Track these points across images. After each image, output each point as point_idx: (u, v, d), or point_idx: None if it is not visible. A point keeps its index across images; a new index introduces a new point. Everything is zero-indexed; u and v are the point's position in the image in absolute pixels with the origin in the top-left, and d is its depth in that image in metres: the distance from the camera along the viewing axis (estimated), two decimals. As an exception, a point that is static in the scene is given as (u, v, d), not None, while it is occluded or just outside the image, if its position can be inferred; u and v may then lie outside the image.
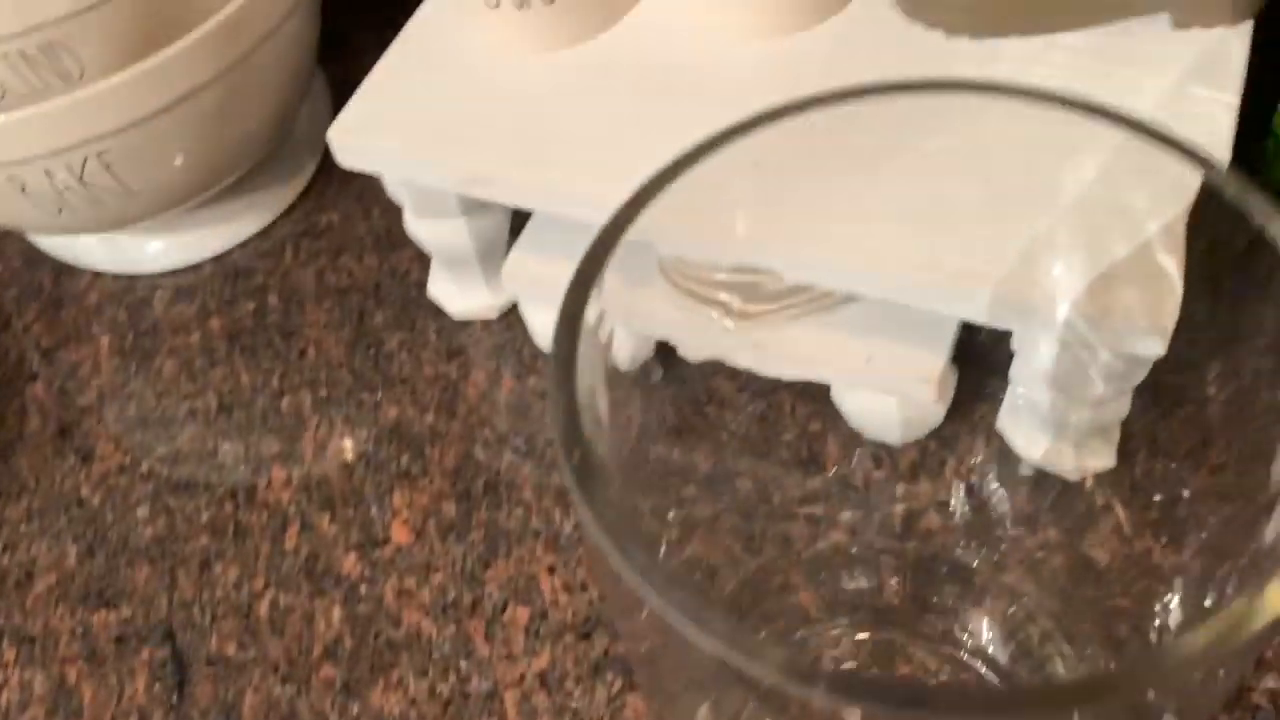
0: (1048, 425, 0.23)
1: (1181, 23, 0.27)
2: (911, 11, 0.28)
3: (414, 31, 0.31)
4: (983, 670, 0.24)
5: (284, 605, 0.29)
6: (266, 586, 0.30)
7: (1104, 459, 0.28)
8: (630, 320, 0.28)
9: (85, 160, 0.31)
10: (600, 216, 0.24)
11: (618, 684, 0.27)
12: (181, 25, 0.31)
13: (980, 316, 0.23)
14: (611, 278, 0.29)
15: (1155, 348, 0.24)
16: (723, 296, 0.26)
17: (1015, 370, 0.24)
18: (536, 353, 0.33)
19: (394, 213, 0.34)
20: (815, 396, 0.28)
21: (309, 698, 0.28)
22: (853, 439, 0.28)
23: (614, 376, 0.25)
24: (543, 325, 0.32)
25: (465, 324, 0.34)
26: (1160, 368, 0.26)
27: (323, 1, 0.37)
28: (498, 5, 0.28)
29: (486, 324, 0.34)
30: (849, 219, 0.22)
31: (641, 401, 0.29)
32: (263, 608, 0.29)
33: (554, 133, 0.28)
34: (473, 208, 0.30)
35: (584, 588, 0.29)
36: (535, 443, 0.32)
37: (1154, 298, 0.24)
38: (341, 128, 0.29)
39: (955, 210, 0.22)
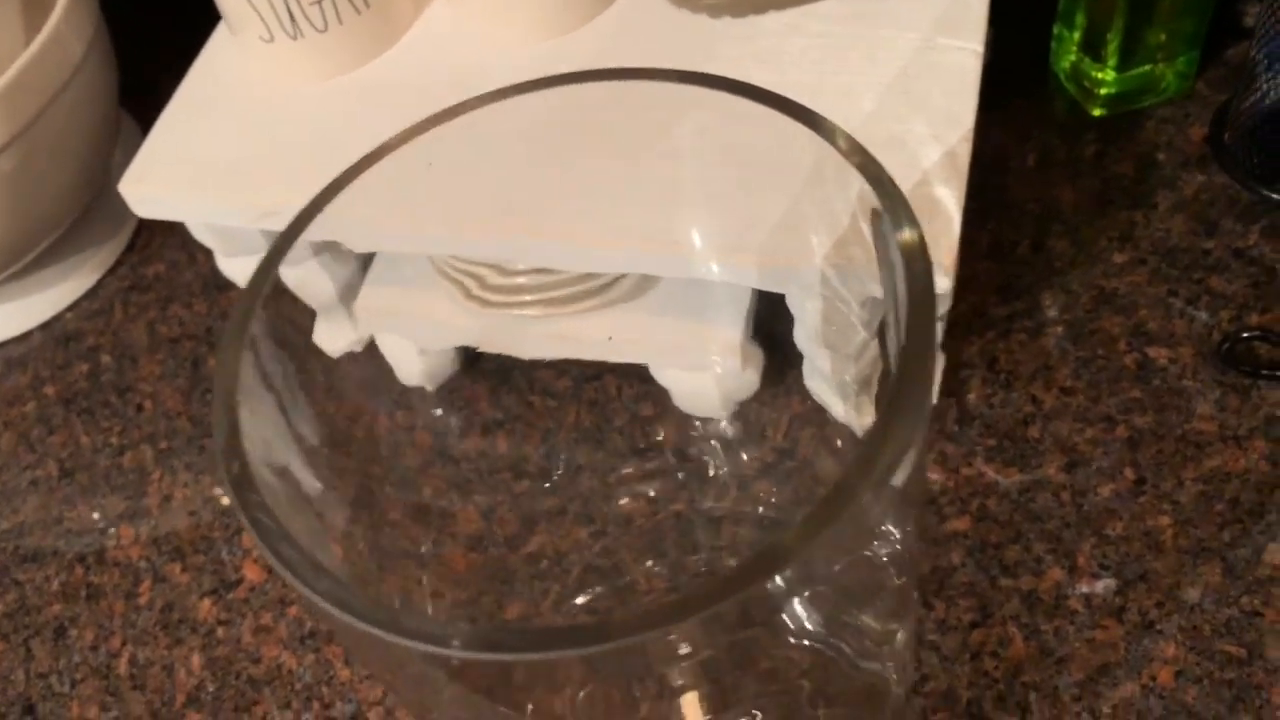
0: (833, 384, 0.24)
1: None
2: (676, 0, 0.29)
3: (198, 73, 0.31)
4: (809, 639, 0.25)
5: (143, 660, 0.29)
6: (124, 644, 0.30)
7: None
8: (417, 332, 0.29)
9: (-122, 245, 0.30)
10: (391, 242, 0.25)
11: (479, 685, 0.28)
12: (-40, 97, 0.30)
13: (750, 282, 0.24)
14: (379, 292, 0.29)
15: (941, 284, 0.25)
16: (516, 296, 0.27)
17: (797, 335, 0.25)
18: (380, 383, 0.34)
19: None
20: (642, 376, 0.29)
21: (176, 747, 0.28)
22: (681, 417, 0.29)
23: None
24: (399, 355, 0.32)
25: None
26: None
27: (122, 48, 0.36)
28: (271, 39, 0.29)
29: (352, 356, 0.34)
30: (606, 202, 0.23)
31: (443, 403, 0.29)
32: (122, 666, 0.29)
33: (342, 158, 0.28)
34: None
35: (458, 602, 0.29)
36: (396, 465, 0.32)
37: (931, 233, 0.25)
38: (133, 178, 0.29)
39: (710, 188, 0.23)
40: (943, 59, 0.27)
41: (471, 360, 0.31)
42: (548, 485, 0.28)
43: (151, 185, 0.29)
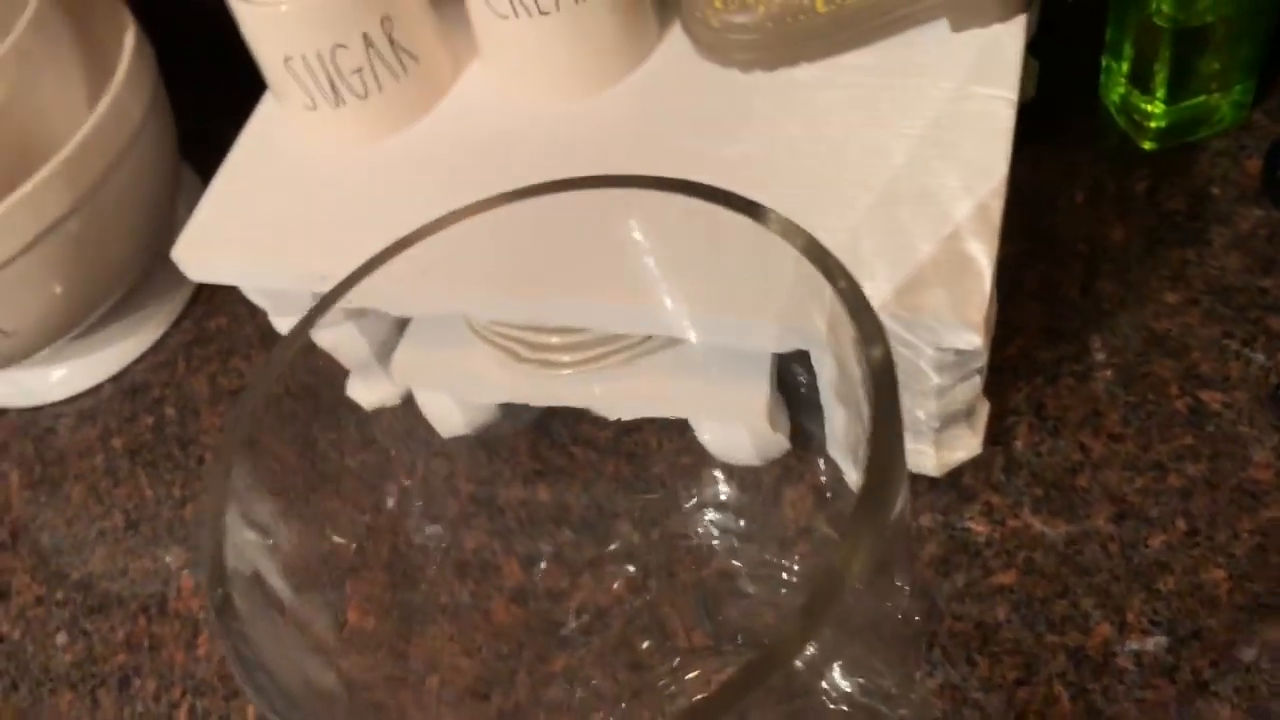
0: (846, 447, 0.24)
1: (959, 25, 0.28)
2: (708, 56, 0.30)
3: (246, 141, 0.32)
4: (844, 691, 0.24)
5: (202, 710, 0.30)
6: (184, 694, 0.31)
7: (969, 448, 0.29)
8: (453, 387, 0.29)
9: (-48, 312, 0.32)
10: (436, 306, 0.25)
11: None
12: (30, 160, 0.32)
13: (770, 345, 0.24)
14: (416, 350, 0.30)
15: (971, 341, 0.25)
16: (549, 355, 0.27)
17: (821, 388, 0.25)
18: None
19: None
20: (680, 429, 0.29)
21: (232, 798, 0.29)
22: (719, 472, 0.29)
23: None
24: (438, 410, 0.32)
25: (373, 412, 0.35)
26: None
27: (178, 97, 0.38)
28: (315, 107, 0.30)
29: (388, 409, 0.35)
30: (624, 270, 0.24)
31: (485, 454, 0.30)
32: (182, 715, 0.30)
33: (386, 222, 0.29)
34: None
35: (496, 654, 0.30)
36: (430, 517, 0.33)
37: (961, 290, 0.25)
38: (186, 245, 0.30)
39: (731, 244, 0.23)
40: (975, 108, 0.27)
41: (511, 413, 0.32)
42: (589, 537, 0.29)
43: (203, 252, 0.30)
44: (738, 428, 0.27)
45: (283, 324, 0.32)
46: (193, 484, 0.35)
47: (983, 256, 0.24)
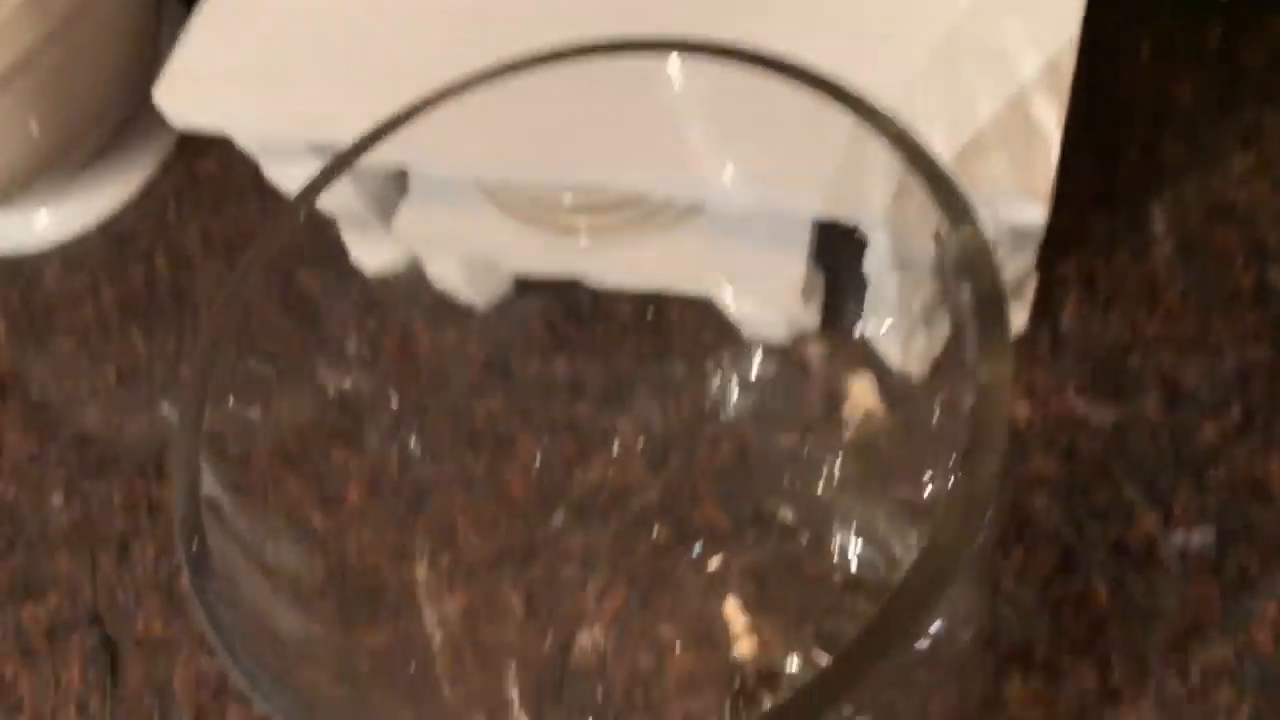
0: (898, 315, 0.22)
1: None
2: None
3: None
4: (860, 565, 0.23)
5: (204, 577, 0.29)
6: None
7: (1015, 326, 0.27)
8: (463, 249, 0.27)
9: (-80, 154, 0.29)
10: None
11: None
12: (-9, -4, 0.29)
13: (815, 212, 0.22)
14: (422, 212, 0.27)
15: (1035, 215, 0.23)
16: (566, 218, 0.25)
17: (866, 260, 0.23)
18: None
19: None
20: (704, 302, 0.27)
21: (237, 666, 0.28)
22: (744, 348, 0.27)
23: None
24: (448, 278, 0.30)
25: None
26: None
27: None
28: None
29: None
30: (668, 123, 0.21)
31: (499, 325, 0.28)
32: (183, 583, 0.29)
33: (391, 64, 0.26)
34: (324, 148, 0.29)
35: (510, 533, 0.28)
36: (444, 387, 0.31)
37: (1026, 158, 0.23)
38: (167, 89, 0.27)
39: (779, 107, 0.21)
40: None
41: (525, 284, 0.30)
42: (607, 413, 0.27)
43: (186, 98, 0.27)
44: (767, 302, 0.25)
45: (276, 174, 0.30)
46: (187, 340, 0.33)
47: (1050, 120, 0.22)
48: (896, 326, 0.22)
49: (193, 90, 0.27)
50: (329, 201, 0.30)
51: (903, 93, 0.23)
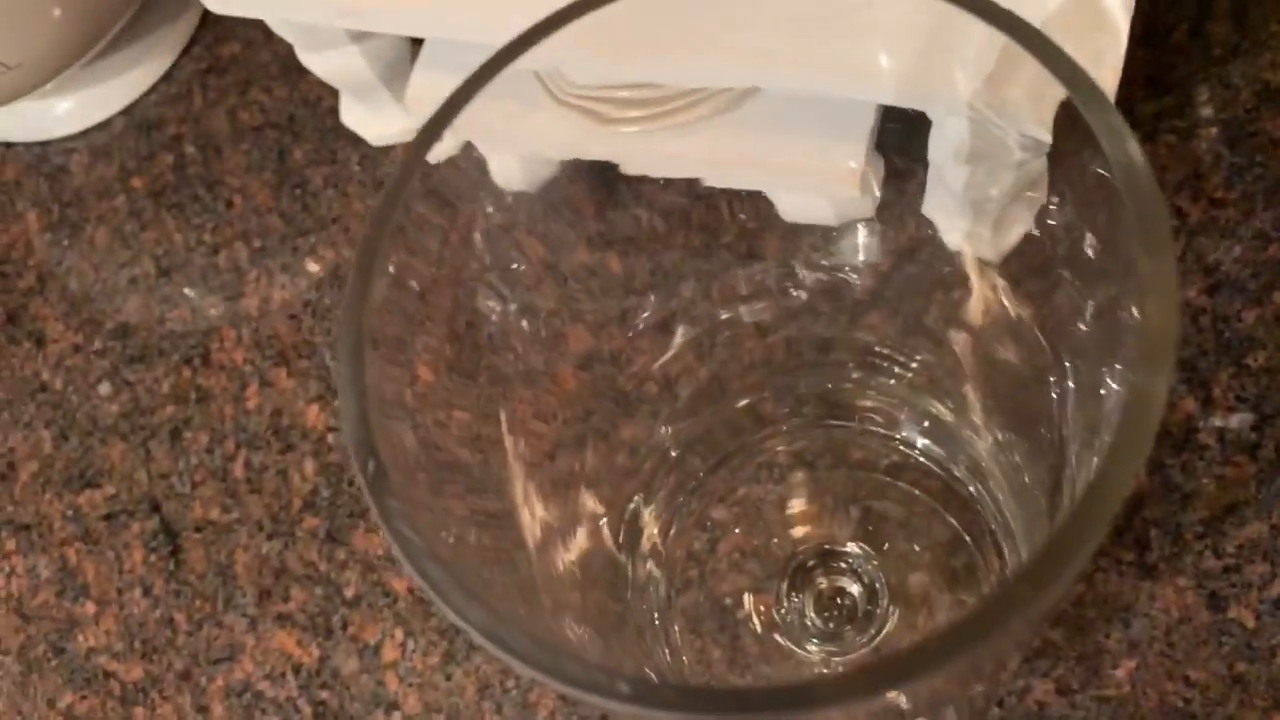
0: (964, 206, 0.22)
1: None
2: None
3: None
4: (916, 455, 0.24)
5: (258, 464, 0.30)
6: (238, 448, 0.30)
7: (1025, 223, 0.27)
8: (523, 147, 0.27)
9: (-52, 43, 0.29)
10: (486, 37, 0.23)
11: (586, 498, 0.28)
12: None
13: (887, 98, 0.22)
14: (489, 111, 0.27)
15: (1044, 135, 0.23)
16: (611, 109, 0.25)
17: (932, 147, 0.23)
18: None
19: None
20: (754, 193, 0.27)
21: (296, 549, 0.29)
22: (791, 231, 0.27)
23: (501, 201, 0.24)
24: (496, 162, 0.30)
25: (387, 149, 0.33)
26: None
27: None
28: None
29: (408, 148, 0.33)
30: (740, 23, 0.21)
31: (547, 214, 0.28)
32: (238, 469, 0.30)
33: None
34: (363, 33, 0.28)
35: (553, 416, 0.29)
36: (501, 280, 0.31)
37: (1094, 49, 0.22)
38: (202, -27, 0.26)
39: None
40: None
41: (572, 169, 0.29)
42: (655, 303, 0.27)
43: (222, -21, 0.26)
44: (823, 191, 0.25)
45: (311, 60, 0.30)
46: (224, 229, 0.33)
47: (1119, 9, 0.21)
48: (963, 215, 0.22)
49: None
50: (339, 73, 0.30)
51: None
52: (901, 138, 0.24)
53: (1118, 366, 0.16)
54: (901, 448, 0.24)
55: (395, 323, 0.22)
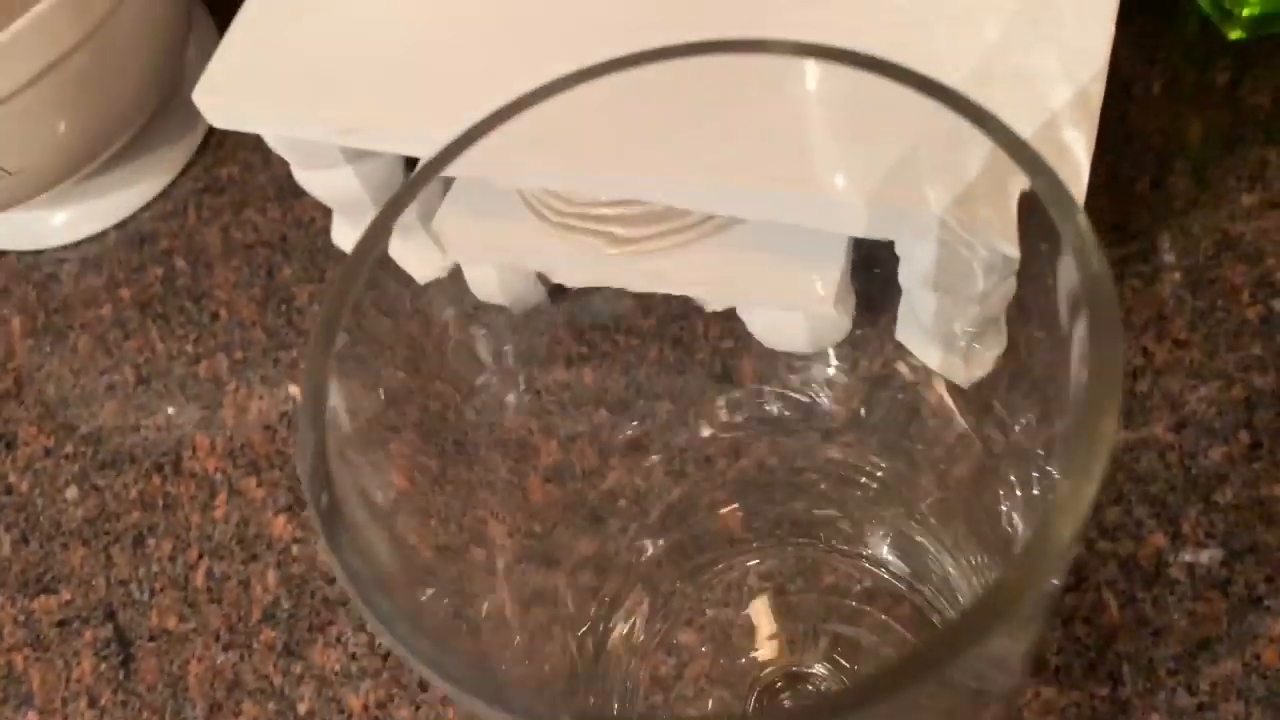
0: (934, 335, 0.23)
1: None
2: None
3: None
4: (886, 576, 0.24)
5: (219, 573, 0.29)
6: (201, 556, 0.30)
7: (998, 345, 0.28)
8: (500, 257, 0.28)
9: (-46, 146, 0.30)
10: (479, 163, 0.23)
11: (552, 619, 0.28)
12: (32, -7, 0.29)
13: (858, 230, 0.23)
14: (457, 218, 0.28)
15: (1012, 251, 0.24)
16: (602, 226, 0.26)
17: (902, 275, 0.24)
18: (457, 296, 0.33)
19: None
20: (728, 315, 0.28)
21: (252, 661, 0.28)
22: (766, 355, 0.28)
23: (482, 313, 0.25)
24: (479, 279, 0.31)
25: (375, 269, 0.34)
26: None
27: None
28: (353, -58, 0.27)
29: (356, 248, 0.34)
30: (716, 142, 0.22)
31: (529, 331, 0.28)
32: (199, 577, 0.30)
33: (425, 72, 0.27)
34: (358, 154, 0.29)
35: (530, 534, 0.29)
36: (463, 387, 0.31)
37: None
38: (207, 88, 0.28)
39: (829, 118, 0.21)
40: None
41: (553, 293, 0.30)
42: (629, 422, 0.28)
43: (226, 96, 0.28)
44: (798, 314, 0.26)
45: (306, 178, 0.31)
46: (207, 341, 0.34)
47: (1080, 147, 0.22)
48: (935, 344, 0.22)
49: (233, 90, 0.28)
50: (331, 192, 0.30)
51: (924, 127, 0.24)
52: (874, 266, 0.25)
53: (1056, 475, 0.17)
54: (871, 568, 0.24)
55: (363, 427, 0.22)
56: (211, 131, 0.38)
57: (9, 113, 0.30)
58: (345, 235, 0.33)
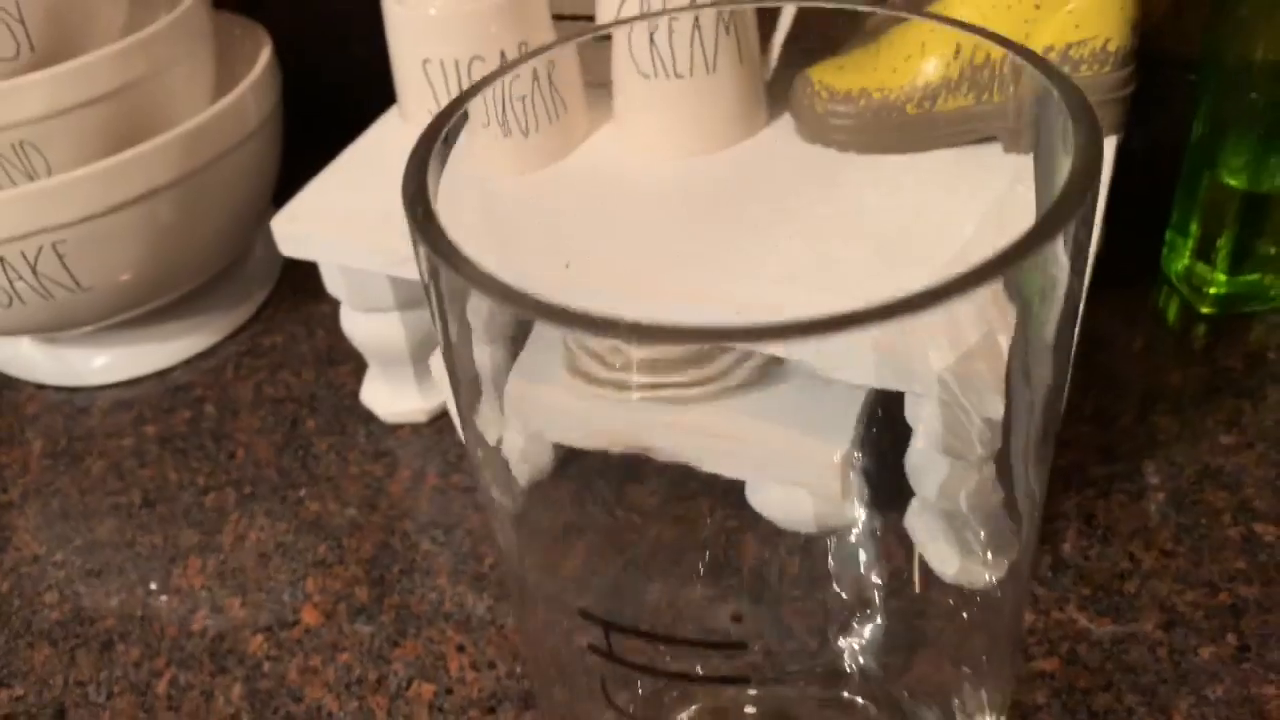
0: (942, 522, 0.24)
1: (1009, 148, 0.30)
2: (809, 137, 0.32)
3: (360, 145, 0.33)
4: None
5: (184, 683, 0.29)
6: (168, 665, 0.29)
7: (1007, 556, 0.29)
8: (534, 422, 0.29)
9: (40, 249, 0.32)
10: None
11: (520, 759, 0.27)
12: (152, 134, 0.33)
13: (869, 379, 0.25)
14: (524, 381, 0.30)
15: (998, 408, 0.25)
16: (626, 377, 0.27)
17: (911, 447, 0.25)
18: (460, 453, 0.34)
19: (337, 332, 0.36)
20: (731, 500, 0.29)
21: (198, 773, 0.27)
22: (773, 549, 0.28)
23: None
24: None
25: (394, 428, 0.35)
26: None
27: (284, 145, 0.40)
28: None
29: (415, 428, 0.35)
30: (742, 282, 0.24)
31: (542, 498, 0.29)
32: (161, 686, 0.29)
33: (494, 223, 0.30)
34: (407, 302, 0.32)
35: (491, 665, 0.28)
36: (454, 533, 0.32)
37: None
38: (287, 216, 0.31)
39: (845, 270, 0.24)
40: (1023, 200, 0.28)
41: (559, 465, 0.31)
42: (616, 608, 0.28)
43: (301, 225, 0.31)
44: (798, 491, 0.27)
45: (353, 321, 0.33)
46: (219, 475, 0.34)
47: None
48: (940, 530, 0.24)
49: (307, 220, 0.31)
50: (367, 336, 0.32)
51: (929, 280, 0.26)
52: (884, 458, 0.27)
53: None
54: None
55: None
56: (263, 309, 0.41)
57: (99, 229, 0.33)
58: (375, 390, 0.35)
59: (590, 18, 0.34)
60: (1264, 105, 0.32)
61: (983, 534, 0.26)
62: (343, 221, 0.31)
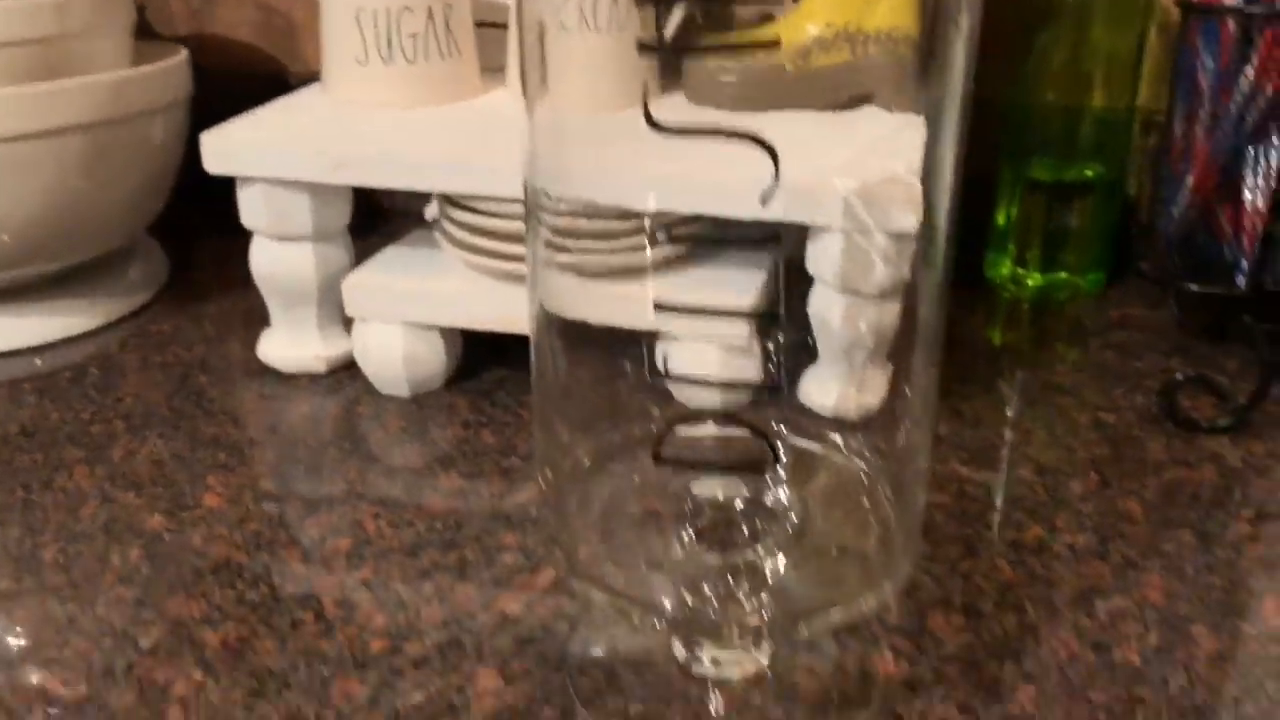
0: (838, 357, 0.27)
1: (883, 106, 0.36)
2: (695, 99, 0.36)
3: (289, 99, 0.36)
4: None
5: (73, 552, 0.27)
6: (55, 540, 0.27)
7: (883, 376, 0.31)
8: (415, 309, 0.31)
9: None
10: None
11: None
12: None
13: (775, 212, 0.28)
14: (374, 274, 0.31)
15: (910, 221, 0.29)
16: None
17: (813, 274, 0.28)
18: (357, 397, 0.34)
19: (228, 325, 0.37)
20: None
21: None
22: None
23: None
24: (376, 346, 0.33)
25: (291, 378, 0.35)
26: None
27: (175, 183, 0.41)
28: (366, 62, 0.34)
29: (314, 378, 0.35)
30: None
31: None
32: (48, 554, 0.27)
33: (410, 134, 0.33)
34: (321, 233, 0.33)
35: (410, 524, 0.28)
36: (362, 445, 0.32)
37: (906, 187, 0.29)
38: (218, 133, 0.32)
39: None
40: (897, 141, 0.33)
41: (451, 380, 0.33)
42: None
43: (232, 140, 0.32)
44: (708, 349, 0.29)
45: (265, 253, 0.34)
46: (105, 412, 0.33)
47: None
48: (835, 376, 0.26)
49: (236, 137, 0.32)
50: (278, 271, 0.34)
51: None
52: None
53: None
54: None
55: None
56: (154, 298, 0.41)
57: (6, 154, 0.33)
58: (273, 344, 0.36)
59: None
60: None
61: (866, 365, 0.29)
62: (274, 137, 0.32)
